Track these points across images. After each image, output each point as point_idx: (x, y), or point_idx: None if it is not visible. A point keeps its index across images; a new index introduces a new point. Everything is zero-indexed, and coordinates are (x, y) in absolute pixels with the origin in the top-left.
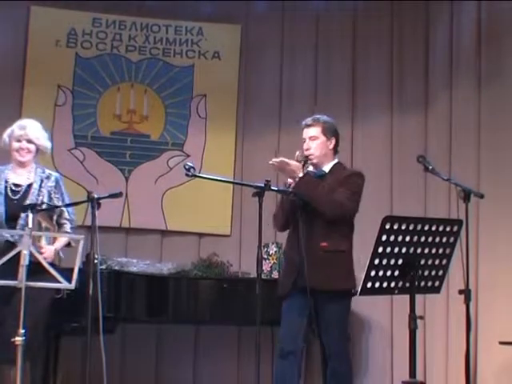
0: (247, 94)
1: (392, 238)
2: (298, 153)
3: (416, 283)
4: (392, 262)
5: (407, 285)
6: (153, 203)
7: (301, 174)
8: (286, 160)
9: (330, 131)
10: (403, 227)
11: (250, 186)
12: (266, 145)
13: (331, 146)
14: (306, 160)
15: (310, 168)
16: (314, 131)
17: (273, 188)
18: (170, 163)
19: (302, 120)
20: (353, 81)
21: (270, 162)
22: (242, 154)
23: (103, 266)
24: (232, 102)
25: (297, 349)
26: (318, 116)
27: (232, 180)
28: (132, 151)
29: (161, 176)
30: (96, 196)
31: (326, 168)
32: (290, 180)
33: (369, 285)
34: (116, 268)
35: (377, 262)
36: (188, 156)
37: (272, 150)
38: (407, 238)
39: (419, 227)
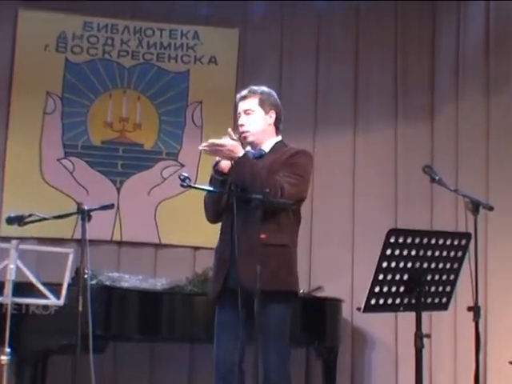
0: None
1: (397, 252)
2: (229, 129)
3: (422, 300)
4: (397, 277)
5: (413, 301)
6: (146, 215)
7: (240, 154)
8: (217, 141)
9: (269, 103)
10: (409, 241)
11: (248, 198)
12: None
13: (271, 121)
14: (240, 138)
15: (248, 148)
16: (249, 104)
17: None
18: (164, 173)
19: (302, 127)
20: (355, 86)
21: (200, 148)
22: None
23: (93, 281)
24: (229, 110)
25: (233, 367)
26: (254, 87)
27: (202, 186)
28: (124, 161)
29: (154, 187)
30: (86, 208)
31: (266, 147)
32: (219, 160)
33: (373, 301)
34: (107, 283)
35: (381, 277)
36: (183, 166)
37: None
38: (413, 252)
39: (425, 241)
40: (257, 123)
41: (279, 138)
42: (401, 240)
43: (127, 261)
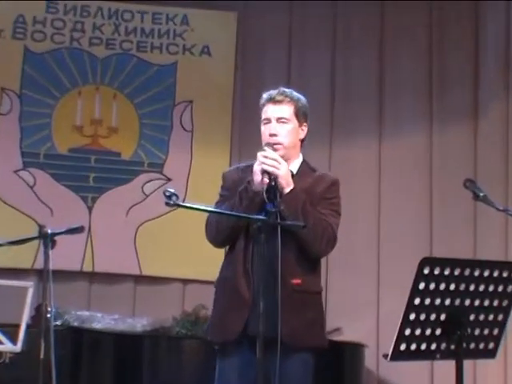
0: (245, 100)
1: (432, 286)
2: (265, 147)
3: (464, 345)
4: (432, 317)
5: (452, 347)
6: (123, 241)
7: (289, 178)
8: (280, 159)
9: (303, 114)
10: (446, 272)
11: (248, 218)
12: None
13: (302, 136)
14: (266, 149)
15: None
16: (285, 111)
17: (280, 222)
18: (146, 189)
19: (316, 131)
20: (380, 82)
21: (261, 159)
22: None
23: (58, 322)
24: (226, 111)
25: None
26: (287, 90)
27: (225, 210)
28: (97, 173)
29: (134, 205)
30: (50, 231)
31: (293, 167)
32: (266, 180)
33: (402, 347)
34: (75, 324)
35: (413, 317)
36: (169, 180)
37: None
38: (452, 287)
39: (467, 272)
40: (291, 136)
41: (301, 157)
42: (437, 271)
43: (100, 296)
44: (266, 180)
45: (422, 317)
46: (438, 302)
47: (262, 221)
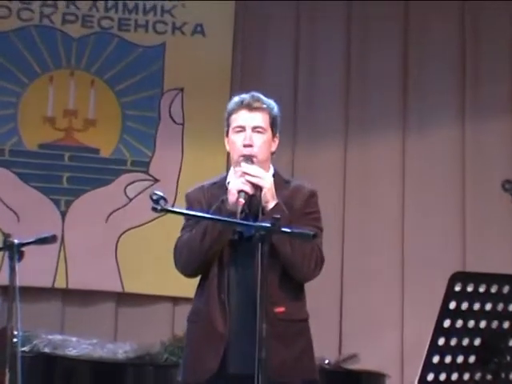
0: (245, 87)
1: (465, 305)
2: (238, 155)
3: (502, 375)
4: (465, 342)
5: (488, 377)
6: (103, 252)
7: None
8: (262, 171)
9: (277, 125)
10: (481, 289)
11: (249, 225)
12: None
13: (274, 148)
14: (248, 161)
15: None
16: (261, 119)
17: (285, 229)
18: (129, 192)
19: (328, 127)
20: (403, 69)
21: (242, 170)
22: None
23: (27, 348)
24: (222, 101)
25: None
26: (261, 96)
27: (221, 217)
28: (71, 173)
29: (115, 211)
30: (16, 241)
31: None
32: (241, 200)
33: (430, 377)
34: (46, 350)
35: (442, 341)
36: (156, 181)
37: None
38: (488, 306)
39: (506, 290)
40: (266, 148)
41: (272, 168)
42: (470, 288)
43: (75, 318)
44: (242, 200)
45: (453, 342)
46: (471, 324)
47: (265, 229)
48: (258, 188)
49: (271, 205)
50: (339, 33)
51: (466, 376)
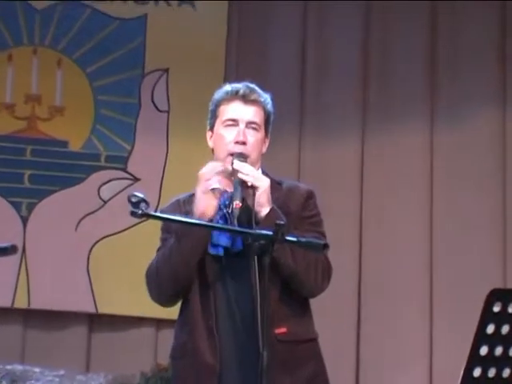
0: (242, 68)
1: (505, 329)
2: (226, 152)
3: None
4: (506, 373)
5: None
6: (72, 265)
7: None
8: (256, 171)
9: (270, 124)
10: None
11: (245, 233)
12: (278, 159)
13: (264, 150)
14: (241, 159)
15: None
16: (258, 115)
17: (290, 238)
18: (104, 193)
19: (343, 115)
20: (432, 56)
21: (235, 167)
22: None
23: None
24: (215, 83)
25: None
26: (257, 88)
27: (212, 223)
28: (34, 170)
29: (87, 216)
30: None
31: None
32: (238, 203)
33: None
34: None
35: (478, 372)
36: (136, 180)
37: (291, 168)
38: None
39: None
40: (259, 148)
41: (261, 170)
42: None
43: (39, 344)
44: (239, 203)
45: (491, 372)
46: None
47: (267, 238)
48: (249, 190)
49: (265, 210)
50: (353, 18)
51: None
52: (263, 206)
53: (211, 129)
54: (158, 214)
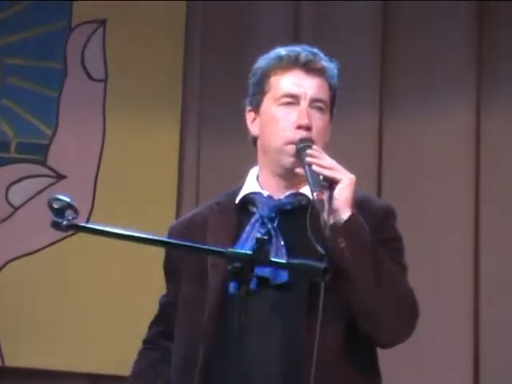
0: (213, 21)
1: None
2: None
3: None
4: None
5: None
6: None
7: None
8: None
9: (336, 103)
10: None
11: (216, 253)
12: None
13: (327, 138)
14: (310, 145)
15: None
16: (323, 89)
17: (278, 260)
18: (14, 196)
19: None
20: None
21: (310, 154)
22: (198, 168)
23: None
24: (173, 40)
25: None
26: (320, 53)
27: (167, 239)
28: None
29: None
30: None
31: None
32: (317, 195)
33: None
34: None
35: None
36: (60, 177)
37: None
38: None
39: None
40: (326, 134)
41: None
42: None
43: None
44: (324, 194)
45: None
46: None
47: (243, 258)
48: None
49: (344, 214)
50: None
51: None
52: (343, 208)
53: (255, 108)
54: (89, 225)
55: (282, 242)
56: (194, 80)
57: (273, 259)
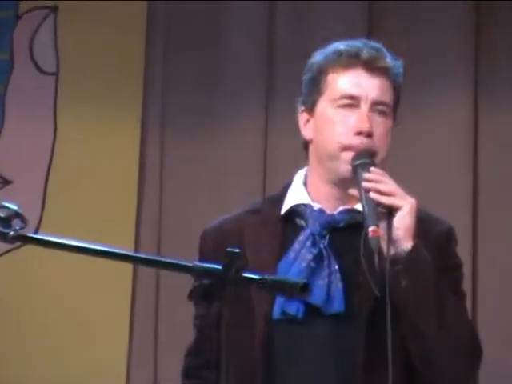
0: (176, 6)
1: None
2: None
3: None
4: None
5: None
6: None
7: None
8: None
9: (398, 106)
10: None
11: (183, 268)
12: (225, 147)
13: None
14: (369, 162)
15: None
16: (387, 91)
17: (253, 276)
18: None
19: None
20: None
21: (367, 177)
22: (162, 169)
23: None
24: (135, 28)
25: None
26: (383, 49)
27: (134, 253)
28: None
29: None
30: None
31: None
32: (374, 228)
33: None
34: None
35: None
36: (5, 182)
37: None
38: None
39: None
40: (388, 141)
41: None
42: None
43: None
44: (379, 229)
45: None
46: None
47: (212, 275)
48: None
49: (406, 244)
50: None
51: None
52: (404, 238)
53: (309, 109)
54: (39, 236)
55: (336, 266)
56: (155, 74)
57: (246, 275)
